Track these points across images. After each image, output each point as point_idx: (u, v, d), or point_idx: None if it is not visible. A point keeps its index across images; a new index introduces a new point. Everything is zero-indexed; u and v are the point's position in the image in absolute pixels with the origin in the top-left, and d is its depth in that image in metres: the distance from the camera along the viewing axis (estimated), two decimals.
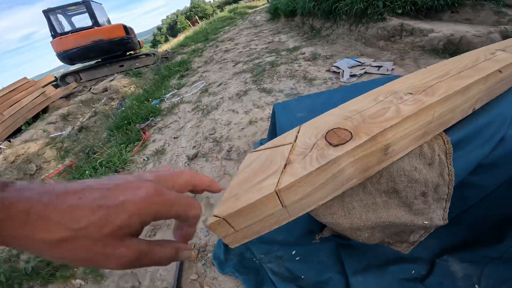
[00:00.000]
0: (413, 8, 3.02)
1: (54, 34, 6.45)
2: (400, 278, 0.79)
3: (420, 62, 2.47)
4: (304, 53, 3.43)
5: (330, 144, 0.40)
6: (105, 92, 5.34)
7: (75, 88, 6.14)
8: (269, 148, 0.45)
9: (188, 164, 1.97)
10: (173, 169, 0.26)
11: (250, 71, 3.34)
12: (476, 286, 0.76)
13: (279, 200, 0.35)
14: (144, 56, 7.15)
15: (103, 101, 4.75)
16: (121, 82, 5.57)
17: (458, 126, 0.59)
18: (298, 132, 0.47)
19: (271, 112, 2.15)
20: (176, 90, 3.85)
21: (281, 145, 0.44)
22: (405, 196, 0.58)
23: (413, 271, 0.83)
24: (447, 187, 0.60)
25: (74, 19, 7.09)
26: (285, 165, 0.38)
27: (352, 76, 2.35)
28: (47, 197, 0.19)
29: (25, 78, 5.07)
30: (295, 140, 0.44)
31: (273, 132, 1.23)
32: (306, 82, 2.51)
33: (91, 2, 6.56)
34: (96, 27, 6.56)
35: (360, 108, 0.50)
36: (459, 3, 2.78)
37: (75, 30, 6.54)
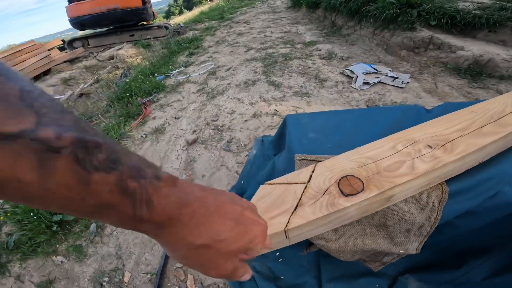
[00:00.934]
0: (449, 21, 2.88)
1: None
2: None
3: (438, 79, 2.41)
4: (320, 50, 3.34)
5: (342, 192, 0.41)
6: (111, 60, 5.24)
7: (81, 53, 6.02)
8: (283, 183, 0.46)
9: (186, 149, 1.94)
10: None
11: (261, 60, 3.25)
12: None
13: (285, 235, 0.38)
14: (156, 27, 7.04)
15: (107, 69, 4.66)
16: (128, 52, 5.45)
17: (458, 177, 0.58)
18: (312, 172, 0.48)
19: (276, 108, 2.12)
20: (183, 68, 3.77)
21: (295, 183, 0.45)
22: (391, 230, 0.59)
23: (377, 285, 0.86)
24: (430, 227, 0.61)
25: None
26: (297, 206, 0.40)
27: (365, 83, 2.29)
28: (205, 205, 0.22)
29: (32, 41, 5.07)
30: (308, 181, 0.45)
31: (279, 143, 1.20)
32: (317, 82, 2.45)
33: None
34: None
35: (376, 156, 0.50)
36: (500, 23, 2.66)
37: None
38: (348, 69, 2.55)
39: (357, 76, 2.38)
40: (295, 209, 0.39)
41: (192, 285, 1.17)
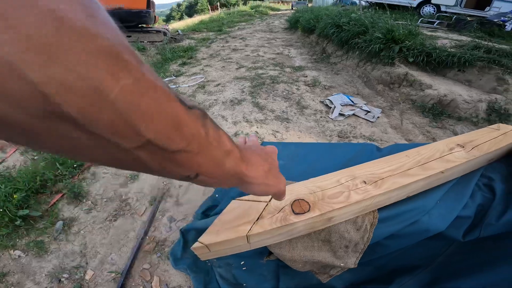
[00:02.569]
0: (425, 59, 3.20)
1: None
2: None
3: (405, 116, 2.73)
4: (306, 76, 3.64)
5: (293, 211, 0.59)
6: None
7: None
8: (250, 200, 0.64)
9: None
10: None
11: (250, 80, 3.50)
12: None
13: (247, 239, 0.54)
14: (154, 32, 7.14)
15: None
16: None
17: (388, 206, 0.78)
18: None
19: (257, 129, 2.33)
20: (174, 77, 3.94)
21: (259, 201, 0.63)
22: (334, 245, 0.78)
23: None
24: (364, 245, 0.80)
25: None
26: (258, 218, 0.57)
27: (340, 114, 2.56)
28: (258, 158, 0.32)
29: None
30: (270, 200, 0.63)
31: None
32: (298, 109, 2.70)
33: None
34: None
35: (324, 186, 0.69)
36: (470, 63, 2.98)
37: None
38: (328, 99, 2.84)
39: (334, 107, 2.66)
40: (257, 220, 0.56)
41: (158, 286, 1.28)
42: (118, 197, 1.76)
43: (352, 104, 2.77)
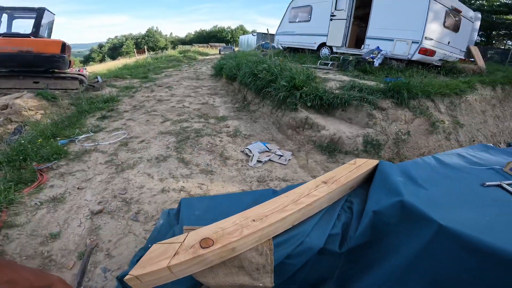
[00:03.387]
0: (319, 102, 3.77)
1: None
2: None
3: (310, 156, 3.36)
4: (229, 127, 4.10)
5: (201, 246, 0.85)
6: (4, 111, 4.71)
7: None
8: (168, 243, 0.87)
9: (90, 218, 2.06)
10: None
11: (175, 134, 3.72)
12: None
13: (169, 270, 0.76)
14: (69, 78, 6.65)
15: None
16: (28, 103, 5.03)
17: (279, 234, 1.11)
18: (186, 236, 0.91)
19: (183, 184, 2.53)
20: (92, 134, 3.81)
21: (175, 243, 0.87)
22: (247, 269, 1.03)
23: None
24: (270, 266, 1.09)
25: (16, 22, 6.57)
26: (175, 254, 0.80)
27: (258, 161, 3.01)
28: None
29: None
30: (183, 241, 0.87)
31: (176, 217, 1.61)
32: (221, 160, 3.05)
33: (46, 11, 6.23)
34: (33, 37, 6.08)
35: (225, 227, 0.97)
36: (348, 103, 3.72)
37: (9, 34, 6.06)
38: (247, 148, 3.29)
39: (253, 155, 3.11)
40: (173, 256, 0.79)
41: None
42: (39, 255, 1.77)
43: (268, 150, 3.29)
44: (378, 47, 6.37)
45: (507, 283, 0.84)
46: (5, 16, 6.28)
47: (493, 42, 20.55)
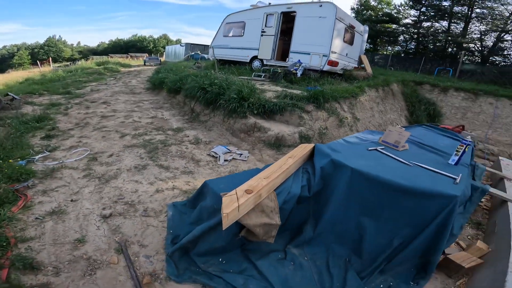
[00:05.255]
0: (262, 109, 4.86)
1: None
2: (275, 260, 2.02)
3: (262, 152, 4.37)
4: (188, 136, 4.74)
5: (247, 193, 1.73)
6: None
7: None
8: (228, 195, 1.73)
9: (105, 222, 2.46)
10: None
11: (142, 146, 4.14)
12: (305, 257, 2.10)
13: (237, 209, 1.63)
14: None
15: None
16: None
17: (277, 188, 2.04)
18: (236, 191, 1.78)
19: (173, 184, 3.14)
20: (48, 153, 3.85)
21: (232, 195, 1.73)
22: (266, 212, 1.92)
23: (279, 255, 2.09)
24: (277, 209, 2.01)
25: None
26: (238, 199, 1.67)
27: (225, 160, 3.83)
28: None
29: None
30: (236, 193, 1.73)
31: (197, 198, 2.34)
32: (194, 163, 3.73)
33: None
34: None
35: (251, 184, 1.89)
36: (284, 109, 4.93)
37: None
38: (212, 151, 4.06)
39: (219, 156, 3.90)
40: (237, 200, 1.66)
41: None
42: (79, 258, 2.04)
43: (229, 151, 4.13)
44: (299, 60, 7.95)
45: (381, 191, 2.01)
46: None
47: (378, 48, 26.43)
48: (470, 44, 20.07)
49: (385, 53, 24.94)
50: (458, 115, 9.73)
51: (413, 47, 24.34)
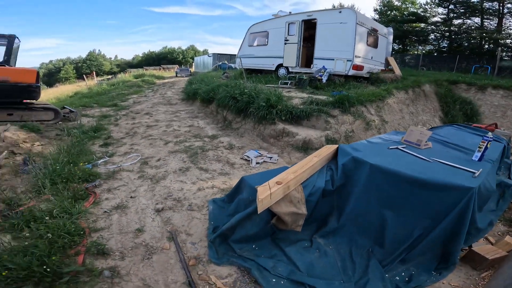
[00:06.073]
0: (290, 116, 5.20)
1: None
2: (302, 247, 2.32)
3: (291, 155, 4.67)
4: (222, 142, 5.22)
5: (277, 183, 2.10)
6: (1, 144, 4.96)
7: None
8: (263, 186, 2.13)
9: (158, 215, 2.93)
10: None
11: (184, 152, 4.70)
12: (330, 246, 2.38)
13: (270, 196, 2.01)
14: (42, 109, 6.62)
15: (4, 153, 4.51)
16: (18, 136, 5.32)
17: (304, 182, 2.36)
18: (268, 183, 2.15)
19: (213, 183, 3.57)
20: (108, 158, 4.54)
21: (266, 185, 2.13)
22: (294, 202, 2.26)
23: (306, 244, 2.39)
24: (303, 200, 2.34)
25: None
26: (270, 188, 2.05)
27: (257, 163, 4.21)
28: None
29: None
30: (269, 184, 2.12)
31: (235, 192, 2.73)
32: (229, 166, 4.17)
33: (15, 37, 6.19)
34: (6, 66, 6.00)
35: (281, 177, 2.28)
36: (311, 114, 5.21)
37: None
38: (245, 155, 4.46)
39: (251, 159, 4.28)
40: (270, 189, 2.04)
41: (216, 280, 2.09)
42: (139, 245, 2.45)
43: (260, 155, 4.50)
44: (324, 66, 8.11)
45: (399, 184, 2.23)
46: None
47: (408, 48, 25.36)
48: (507, 40, 18.55)
49: (416, 53, 23.85)
50: (498, 114, 9.16)
51: (446, 45, 23.00)
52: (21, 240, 2.37)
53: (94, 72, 25.25)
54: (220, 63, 22.10)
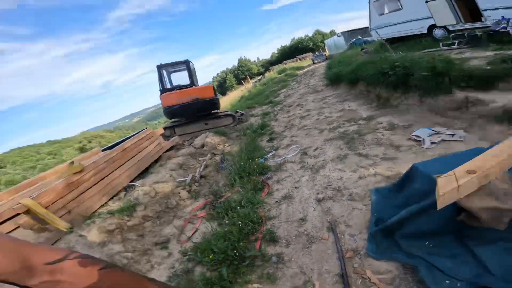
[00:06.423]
0: (473, 81, 3.94)
1: (162, 89, 8.21)
2: (503, 248, 1.71)
3: (486, 129, 3.41)
4: (381, 123, 4.64)
5: (468, 173, 1.57)
6: (204, 148, 6.96)
7: (177, 142, 7.40)
8: (444, 177, 1.64)
9: (319, 204, 3.03)
10: None
11: (340, 138, 4.60)
12: None
13: (457, 189, 1.52)
14: (224, 116, 8.55)
15: (208, 155, 6.33)
16: (214, 140, 7.26)
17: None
18: (454, 172, 1.64)
19: (375, 170, 3.26)
20: (274, 152, 5.24)
21: (450, 176, 1.62)
22: (496, 194, 1.63)
23: (510, 245, 1.74)
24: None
25: (173, 76, 9.00)
26: (457, 179, 1.56)
27: (432, 143, 3.40)
28: None
29: (149, 129, 6.49)
30: (455, 174, 1.61)
31: (403, 183, 2.36)
32: (394, 148, 3.63)
33: (189, 61, 8.34)
34: (193, 86, 8.09)
35: (477, 163, 1.65)
36: (508, 75, 3.72)
37: (179, 87, 8.23)
38: (413, 135, 3.73)
39: (423, 139, 3.52)
40: (457, 181, 1.54)
41: (371, 274, 2.01)
42: (302, 234, 2.59)
43: (436, 132, 3.60)
44: (503, 16, 5.72)
45: None
46: (164, 72, 8.41)
47: None
48: None
49: None
50: None
51: None
52: (223, 226, 3.19)
53: (248, 77, 29.65)
54: (354, 39, 20.16)
